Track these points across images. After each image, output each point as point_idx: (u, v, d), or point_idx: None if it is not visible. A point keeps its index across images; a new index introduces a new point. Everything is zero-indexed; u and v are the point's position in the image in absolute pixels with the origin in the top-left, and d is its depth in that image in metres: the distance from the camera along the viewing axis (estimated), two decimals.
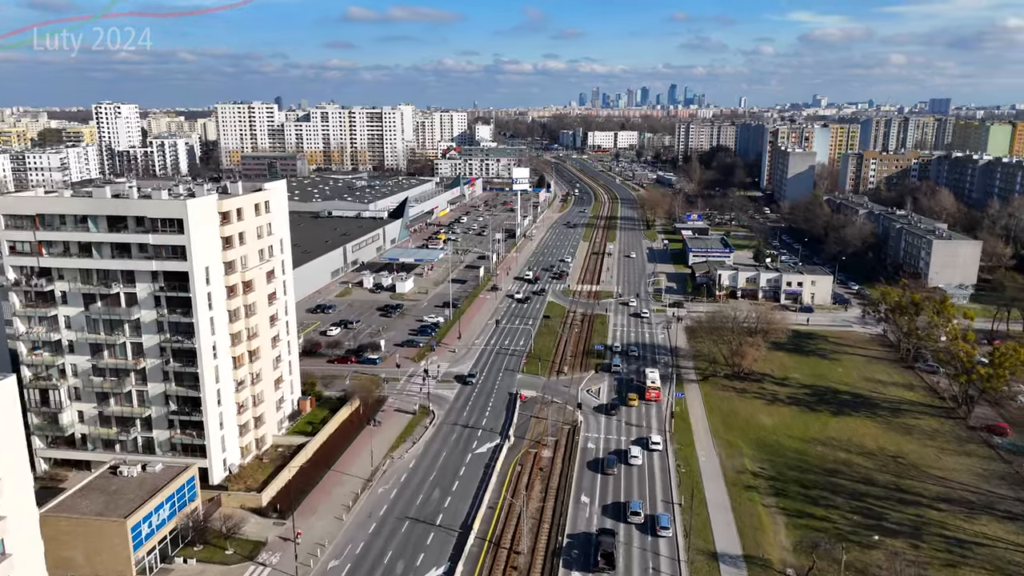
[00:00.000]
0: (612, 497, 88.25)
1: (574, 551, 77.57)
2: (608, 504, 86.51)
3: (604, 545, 75.57)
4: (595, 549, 75.81)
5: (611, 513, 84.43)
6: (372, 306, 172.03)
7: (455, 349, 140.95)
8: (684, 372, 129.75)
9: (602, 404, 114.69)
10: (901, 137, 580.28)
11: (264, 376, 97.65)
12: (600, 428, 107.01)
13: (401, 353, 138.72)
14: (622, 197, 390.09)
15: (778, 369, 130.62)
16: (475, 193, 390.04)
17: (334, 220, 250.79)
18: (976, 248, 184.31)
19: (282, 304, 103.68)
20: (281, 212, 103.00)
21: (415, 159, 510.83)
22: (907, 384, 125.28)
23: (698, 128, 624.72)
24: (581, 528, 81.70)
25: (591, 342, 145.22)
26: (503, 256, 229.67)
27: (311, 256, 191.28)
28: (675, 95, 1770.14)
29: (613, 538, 77.86)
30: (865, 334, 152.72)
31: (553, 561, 75.91)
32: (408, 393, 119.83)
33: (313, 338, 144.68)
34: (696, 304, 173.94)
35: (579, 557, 76.57)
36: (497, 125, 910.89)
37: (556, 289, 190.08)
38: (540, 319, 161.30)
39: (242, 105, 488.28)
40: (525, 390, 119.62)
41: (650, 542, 79.28)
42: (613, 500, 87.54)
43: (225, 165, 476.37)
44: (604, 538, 77.31)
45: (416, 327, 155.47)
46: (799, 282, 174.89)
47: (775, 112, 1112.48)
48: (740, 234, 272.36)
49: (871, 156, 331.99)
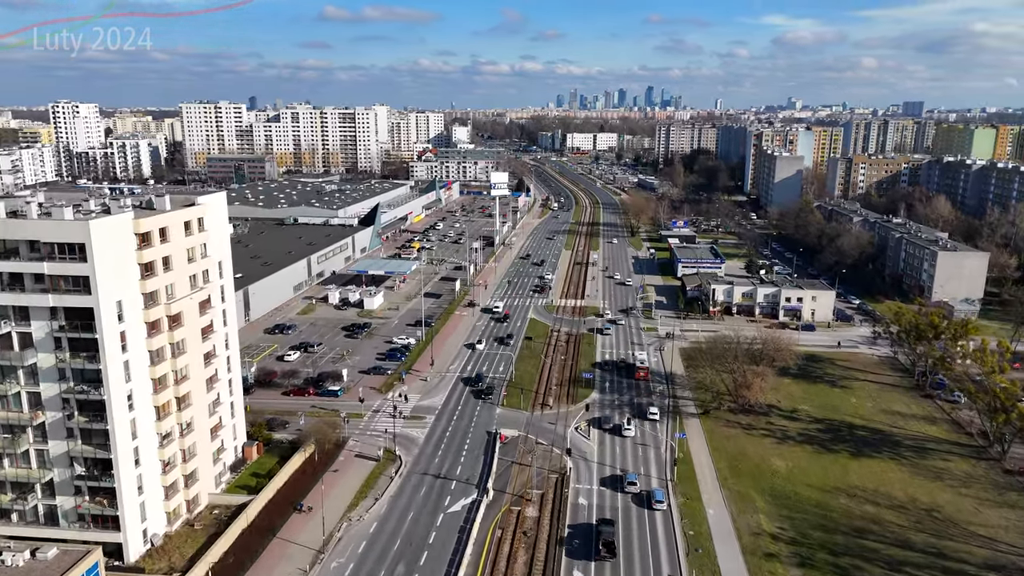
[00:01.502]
0: (611, 572, 74.50)
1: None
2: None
3: (604, 535, 78.03)
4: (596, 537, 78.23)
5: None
6: (337, 325, 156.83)
7: (427, 377, 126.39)
8: (682, 404, 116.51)
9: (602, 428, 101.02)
10: (881, 140, 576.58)
11: (197, 425, 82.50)
12: (593, 477, 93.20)
13: (366, 383, 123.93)
14: (604, 202, 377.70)
15: (785, 399, 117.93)
16: (452, 197, 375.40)
17: (300, 228, 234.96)
18: (983, 260, 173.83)
19: (221, 337, 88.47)
20: (220, 230, 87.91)
21: (390, 161, 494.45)
22: (928, 417, 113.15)
23: (678, 130, 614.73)
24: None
25: (578, 368, 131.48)
26: (481, 267, 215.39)
27: (271, 269, 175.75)
28: (652, 97, 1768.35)
29: (612, 527, 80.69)
30: (873, 356, 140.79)
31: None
32: (373, 433, 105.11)
33: (267, 366, 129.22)
34: (689, 322, 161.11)
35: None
36: (475, 126, 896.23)
37: (538, 305, 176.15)
38: (521, 340, 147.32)
39: (208, 105, 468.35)
40: (505, 429, 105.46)
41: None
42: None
43: (190, 167, 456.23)
44: (604, 527, 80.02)
45: (384, 350, 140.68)
46: (799, 297, 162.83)
47: (751, 114, 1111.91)
48: (728, 242, 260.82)
49: (860, 160, 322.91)
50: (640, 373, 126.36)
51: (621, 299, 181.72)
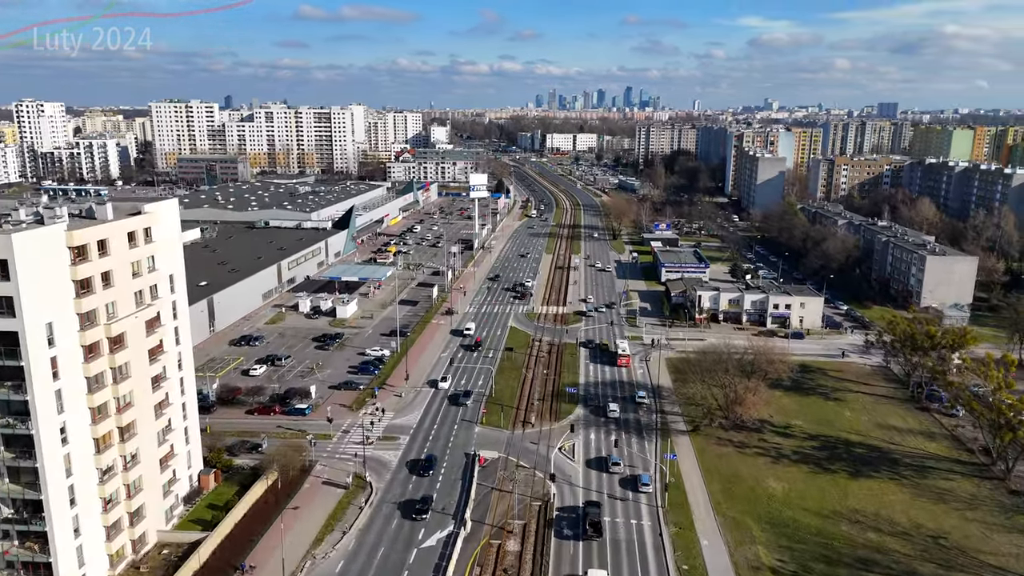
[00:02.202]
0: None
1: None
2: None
3: (591, 516, 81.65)
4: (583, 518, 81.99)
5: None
6: (307, 336, 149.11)
7: (401, 393, 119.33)
8: (671, 420, 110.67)
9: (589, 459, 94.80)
10: (858, 141, 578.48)
11: (144, 456, 74.90)
12: (579, 503, 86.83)
13: (337, 399, 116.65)
14: (584, 203, 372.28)
15: (778, 413, 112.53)
16: (430, 199, 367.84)
17: (271, 231, 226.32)
18: (972, 264, 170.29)
19: (172, 358, 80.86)
20: (171, 240, 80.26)
21: (367, 162, 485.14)
22: (926, 432, 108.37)
23: (658, 131, 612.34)
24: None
25: (561, 381, 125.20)
26: (459, 272, 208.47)
27: (239, 276, 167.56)
28: (630, 97, 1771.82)
29: (599, 508, 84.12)
30: (865, 366, 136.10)
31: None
32: (342, 456, 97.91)
33: (231, 381, 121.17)
34: (675, 330, 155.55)
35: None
36: (454, 126, 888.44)
37: (519, 312, 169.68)
38: (501, 351, 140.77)
39: (179, 104, 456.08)
40: (484, 451, 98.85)
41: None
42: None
43: (161, 168, 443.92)
44: (591, 509, 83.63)
45: (357, 363, 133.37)
46: (787, 304, 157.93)
47: (729, 115, 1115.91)
48: (711, 245, 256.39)
49: (842, 162, 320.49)
50: (622, 360, 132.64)
51: (606, 301, 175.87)
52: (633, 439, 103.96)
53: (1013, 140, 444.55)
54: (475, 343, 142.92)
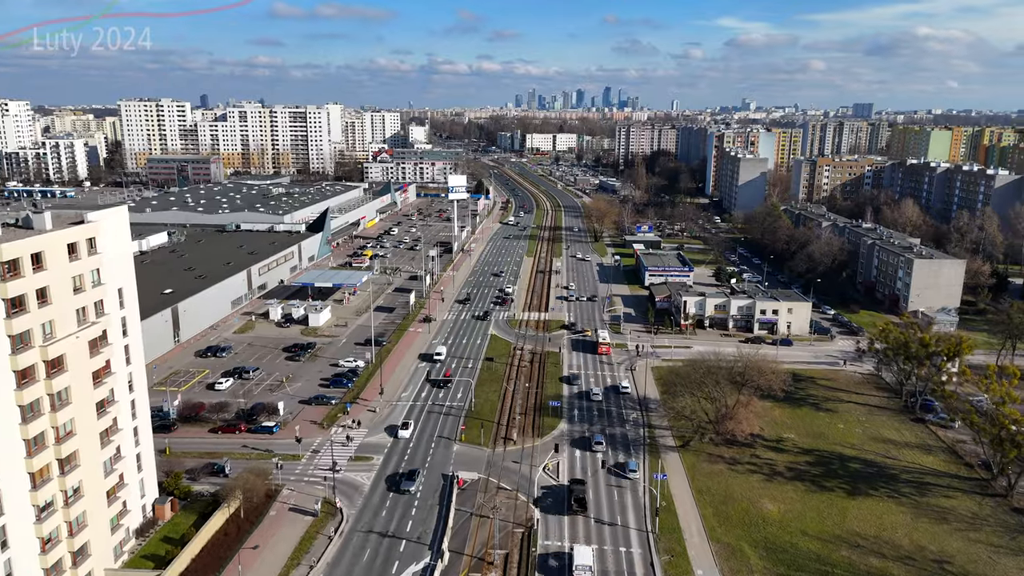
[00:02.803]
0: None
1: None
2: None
3: (576, 492, 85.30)
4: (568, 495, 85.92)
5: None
6: (278, 345, 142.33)
7: (375, 408, 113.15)
8: (659, 435, 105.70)
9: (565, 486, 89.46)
10: (836, 141, 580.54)
11: (89, 488, 68.20)
12: (563, 530, 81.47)
13: (307, 415, 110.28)
14: (565, 204, 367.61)
15: (769, 426, 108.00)
16: (408, 200, 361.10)
17: (243, 235, 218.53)
18: (960, 267, 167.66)
19: (122, 379, 74.15)
20: (119, 250, 73.60)
21: (344, 162, 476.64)
22: (922, 445, 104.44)
23: (638, 131, 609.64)
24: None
25: (544, 393, 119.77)
26: (438, 276, 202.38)
27: (207, 282, 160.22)
28: (609, 97, 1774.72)
29: (583, 486, 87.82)
30: (855, 374, 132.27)
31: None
32: (311, 479, 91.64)
33: (194, 397, 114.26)
34: (661, 337, 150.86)
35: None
36: (433, 126, 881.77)
37: (500, 319, 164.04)
38: (481, 361, 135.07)
39: (150, 102, 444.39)
40: (464, 471, 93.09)
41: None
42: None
43: (130, 169, 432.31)
44: (576, 486, 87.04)
45: (329, 375, 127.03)
46: (774, 310, 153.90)
47: (707, 115, 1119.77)
48: (694, 247, 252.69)
49: (824, 163, 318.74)
50: (602, 348, 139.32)
51: (587, 312, 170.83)
52: (620, 456, 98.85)
53: (989, 141, 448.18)
54: (443, 380, 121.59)
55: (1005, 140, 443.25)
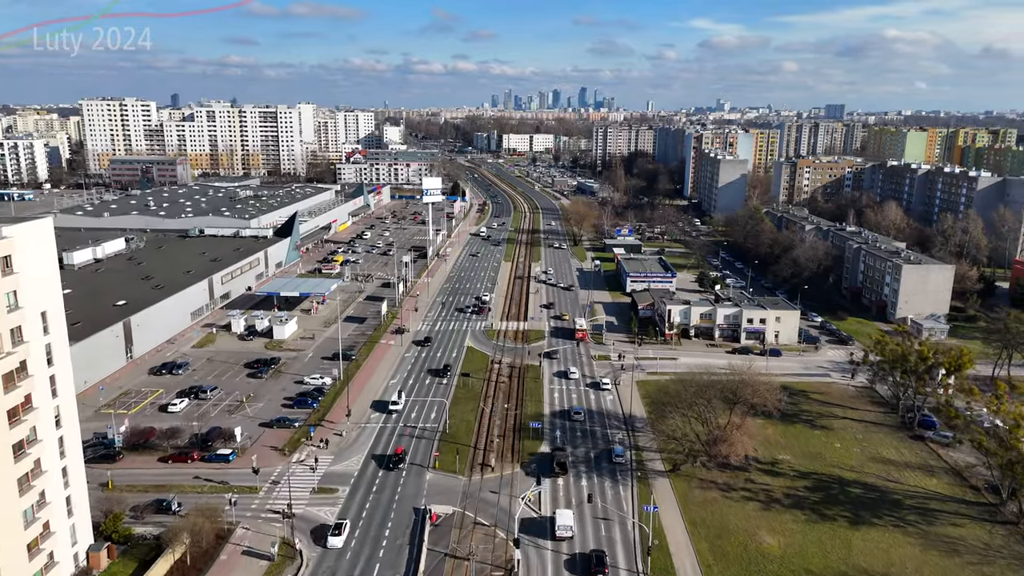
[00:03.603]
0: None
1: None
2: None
3: (558, 457, 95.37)
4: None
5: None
6: (239, 361, 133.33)
7: (342, 432, 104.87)
8: (647, 458, 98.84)
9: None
10: (812, 142, 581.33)
11: (4, 543, 59.38)
12: (547, 571, 74.13)
13: (267, 439, 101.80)
14: (543, 206, 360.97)
15: (762, 446, 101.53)
16: (381, 202, 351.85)
17: (206, 241, 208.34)
18: (948, 273, 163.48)
19: (47, 414, 65.35)
20: (43, 269, 64.81)
21: (316, 163, 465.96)
22: (923, 465, 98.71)
23: (615, 132, 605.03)
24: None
25: (524, 413, 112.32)
26: (412, 284, 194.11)
27: (164, 292, 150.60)
28: (585, 98, 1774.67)
29: (565, 452, 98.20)
30: (848, 387, 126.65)
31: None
32: (269, 516, 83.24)
33: (143, 421, 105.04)
34: (645, 348, 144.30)
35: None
36: (408, 126, 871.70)
37: (477, 330, 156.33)
38: (456, 377, 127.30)
39: (112, 101, 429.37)
40: (437, 505, 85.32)
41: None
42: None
43: (93, 170, 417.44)
44: (558, 453, 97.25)
45: (294, 393, 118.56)
46: (762, 319, 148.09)
47: (683, 116, 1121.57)
48: (675, 251, 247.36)
49: (805, 164, 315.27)
50: (579, 334, 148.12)
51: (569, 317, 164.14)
52: (607, 483, 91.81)
53: (964, 142, 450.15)
54: (395, 457, 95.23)
55: (980, 141, 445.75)
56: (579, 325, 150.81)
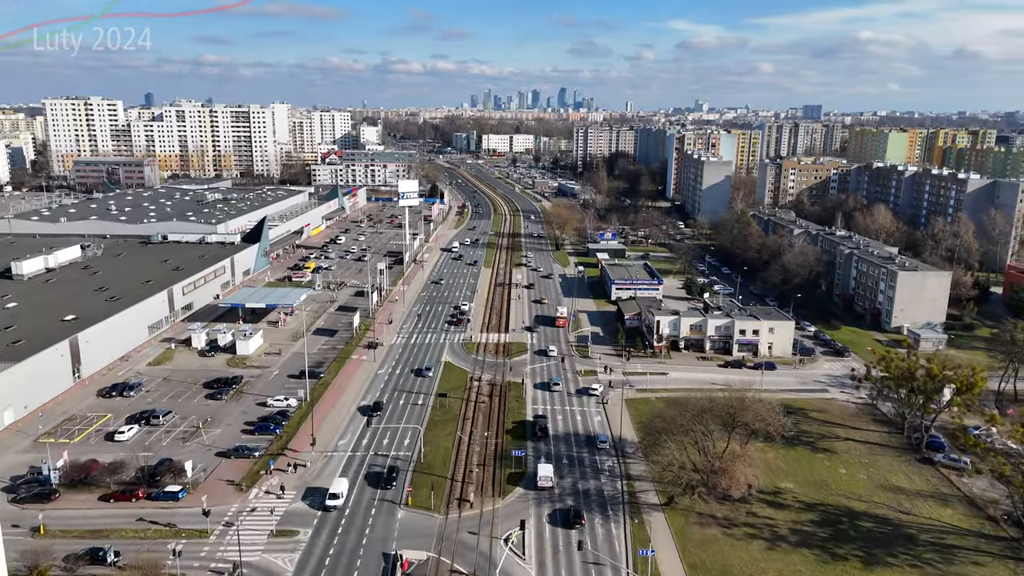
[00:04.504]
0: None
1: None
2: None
3: (539, 424, 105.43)
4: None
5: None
6: (198, 380, 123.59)
7: (307, 462, 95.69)
8: (639, 488, 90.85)
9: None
10: (792, 143, 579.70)
11: None
12: None
13: (223, 472, 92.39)
14: (524, 209, 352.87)
15: (763, 472, 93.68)
16: (357, 205, 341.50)
17: (169, 247, 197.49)
18: (945, 280, 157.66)
19: None
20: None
21: (290, 164, 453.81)
22: (936, 494, 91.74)
23: (596, 132, 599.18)
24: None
25: (506, 438, 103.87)
26: (387, 292, 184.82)
27: (119, 305, 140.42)
28: (565, 98, 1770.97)
29: (545, 419, 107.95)
30: (848, 403, 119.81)
31: None
32: (220, 565, 73.99)
33: (83, 455, 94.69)
34: (633, 362, 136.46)
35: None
36: (386, 126, 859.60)
37: (455, 342, 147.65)
38: (433, 397, 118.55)
39: (77, 100, 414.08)
40: (409, 550, 76.59)
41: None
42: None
43: (57, 171, 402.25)
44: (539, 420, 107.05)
45: (255, 417, 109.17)
46: (755, 329, 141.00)
47: (662, 116, 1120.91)
48: (660, 255, 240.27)
49: (790, 166, 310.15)
50: (560, 321, 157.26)
51: (551, 333, 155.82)
52: (597, 518, 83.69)
53: (944, 143, 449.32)
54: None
55: (960, 142, 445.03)
56: (559, 313, 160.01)
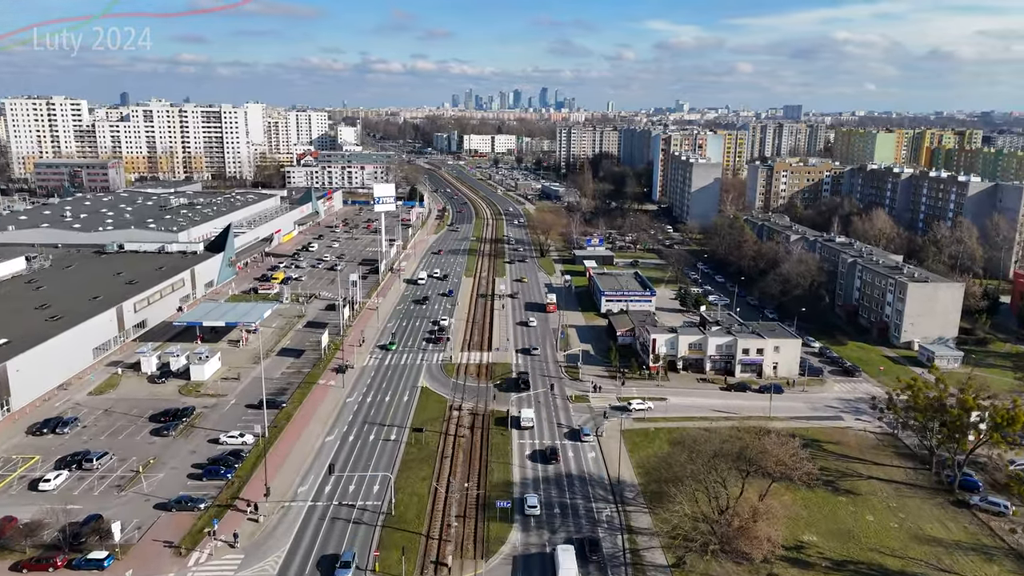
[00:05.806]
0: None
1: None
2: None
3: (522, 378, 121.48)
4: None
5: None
6: (144, 412, 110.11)
7: (259, 517, 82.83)
8: (642, 543, 79.11)
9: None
10: (776, 143, 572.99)
11: None
12: None
13: (160, 531, 79.30)
14: (506, 211, 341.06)
15: (781, 522, 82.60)
16: (333, 208, 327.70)
17: (125, 258, 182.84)
18: (958, 292, 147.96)
19: None
20: None
21: (264, 165, 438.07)
22: (978, 546, 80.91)
23: (579, 133, 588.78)
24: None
25: (489, 480, 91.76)
26: (360, 306, 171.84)
27: (61, 325, 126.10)
28: (546, 98, 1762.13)
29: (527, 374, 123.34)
30: (865, 432, 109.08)
31: None
32: None
33: (2, 505, 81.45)
34: (628, 386, 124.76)
35: None
36: (366, 126, 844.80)
37: (433, 363, 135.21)
38: (407, 432, 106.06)
39: (39, 100, 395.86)
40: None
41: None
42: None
43: (17, 174, 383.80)
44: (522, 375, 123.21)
45: (205, 458, 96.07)
46: (759, 348, 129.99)
47: (643, 116, 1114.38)
48: (649, 262, 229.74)
49: (782, 167, 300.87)
50: (550, 308, 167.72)
51: (542, 356, 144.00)
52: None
53: (931, 143, 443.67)
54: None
55: (946, 143, 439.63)
56: (549, 300, 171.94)
